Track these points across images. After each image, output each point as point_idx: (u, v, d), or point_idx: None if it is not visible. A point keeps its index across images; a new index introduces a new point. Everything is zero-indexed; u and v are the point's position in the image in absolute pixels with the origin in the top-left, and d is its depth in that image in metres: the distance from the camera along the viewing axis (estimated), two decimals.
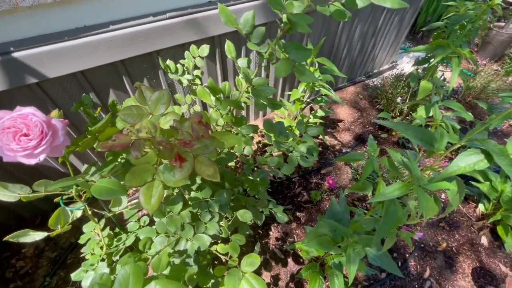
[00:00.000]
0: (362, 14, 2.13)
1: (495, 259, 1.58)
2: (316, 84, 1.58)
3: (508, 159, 0.53)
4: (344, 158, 0.93)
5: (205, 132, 0.48)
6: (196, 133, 0.47)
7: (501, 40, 2.96)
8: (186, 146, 0.45)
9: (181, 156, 0.45)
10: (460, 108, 0.81)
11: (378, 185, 0.85)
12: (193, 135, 0.47)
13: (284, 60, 0.73)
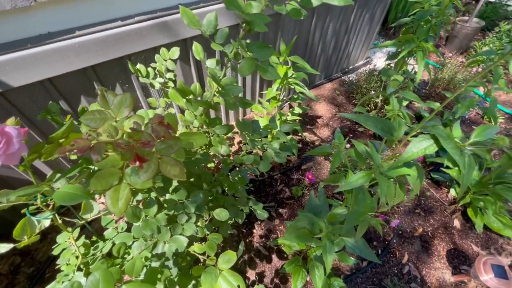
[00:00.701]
0: (334, 12, 2.20)
1: (467, 240, 1.67)
2: (290, 82, 1.61)
3: (453, 142, 0.58)
4: (314, 152, 0.96)
5: (166, 133, 0.49)
6: (157, 134, 0.48)
7: (465, 33, 3.12)
8: (145, 146, 0.46)
9: (140, 156, 0.45)
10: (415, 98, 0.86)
11: (347, 175, 0.88)
12: (154, 136, 0.48)
13: (247, 59, 0.75)
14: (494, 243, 1.65)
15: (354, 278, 1.50)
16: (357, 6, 2.34)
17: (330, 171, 0.94)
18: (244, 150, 1.20)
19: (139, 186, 0.60)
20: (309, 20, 2.08)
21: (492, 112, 1.69)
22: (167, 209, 0.92)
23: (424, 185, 1.94)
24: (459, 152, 0.56)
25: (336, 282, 1.24)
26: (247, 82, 2.09)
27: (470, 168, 0.58)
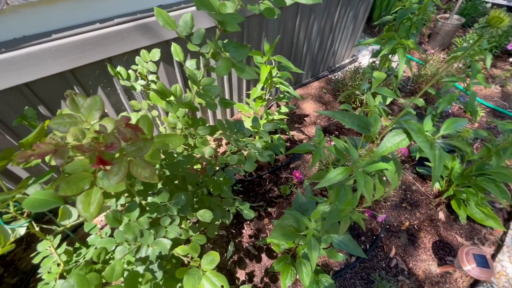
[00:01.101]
0: (317, 11, 2.22)
1: (452, 232, 1.71)
2: (275, 81, 1.62)
3: (423, 136, 0.59)
4: (296, 150, 0.96)
5: (133, 135, 0.49)
6: (123, 136, 0.48)
7: (447, 30, 3.20)
8: (108, 149, 0.45)
9: (104, 160, 0.45)
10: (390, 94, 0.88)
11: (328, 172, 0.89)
12: (120, 138, 0.47)
13: (224, 59, 0.75)
14: (478, 234, 1.70)
15: (343, 274, 1.52)
16: (341, 5, 2.37)
17: (310, 168, 0.95)
18: (229, 150, 1.19)
19: (112, 189, 0.59)
20: (293, 20, 2.09)
21: (472, 106, 1.73)
22: (150, 212, 0.91)
23: (409, 179, 1.98)
24: (429, 145, 0.58)
25: (324, 278, 1.25)
26: (233, 81, 2.09)
27: (441, 161, 0.59)
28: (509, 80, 2.83)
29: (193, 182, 1.16)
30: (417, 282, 1.50)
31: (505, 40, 3.01)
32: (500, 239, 1.67)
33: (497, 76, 2.93)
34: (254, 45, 1.95)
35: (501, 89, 2.78)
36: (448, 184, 1.79)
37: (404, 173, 2.02)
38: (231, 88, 2.11)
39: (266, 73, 1.50)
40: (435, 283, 1.49)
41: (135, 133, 0.49)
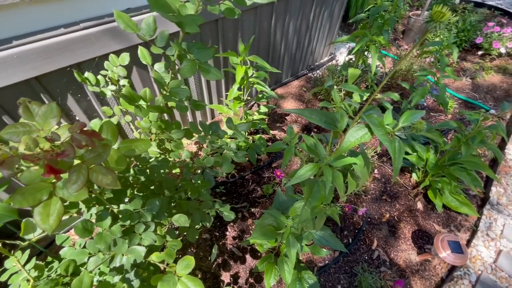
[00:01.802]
0: (292, 11, 2.24)
1: (430, 220, 1.76)
2: (251, 81, 1.62)
3: (383, 129, 0.60)
4: (269, 148, 0.97)
5: (88, 141, 0.47)
6: (78, 143, 0.46)
7: (419, 26, 3.31)
8: (59, 157, 0.44)
9: (54, 168, 0.43)
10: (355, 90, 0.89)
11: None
12: (74, 146, 0.46)
13: (189, 60, 0.74)
14: (454, 221, 1.76)
15: (327, 269, 1.54)
16: (315, 4, 2.40)
17: (282, 166, 0.96)
18: (205, 153, 1.18)
19: (73, 198, 0.57)
20: (268, 20, 2.10)
21: (442, 98, 1.80)
22: (122, 220, 0.89)
23: (389, 172, 2.03)
24: (388, 138, 0.59)
25: (307, 275, 1.26)
26: (211, 83, 2.08)
27: (400, 153, 0.61)
28: (479, 73, 2.97)
29: (170, 187, 1.14)
30: (398, 271, 1.54)
31: (473, 35, 3.15)
32: (474, 224, 1.74)
33: (468, 69, 3.06)
34: (230, 46, 1.94)
35: (472, 81, 2.91)
36: (424, 175, 1.85)
37: (384, 166, 2.07)
38: (209, 90, 2.10)
39: (242, 74, 1.50)
40: (415, 271, 1.54)
41: (91, 140, 0.48)
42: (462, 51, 3.28)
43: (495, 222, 1.74)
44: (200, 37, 1.73)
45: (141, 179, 1.10)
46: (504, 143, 2.21)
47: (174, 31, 1.50)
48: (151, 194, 1.11)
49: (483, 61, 3.10)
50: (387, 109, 2.06)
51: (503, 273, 1.53)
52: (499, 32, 3.00)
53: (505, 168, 2.05)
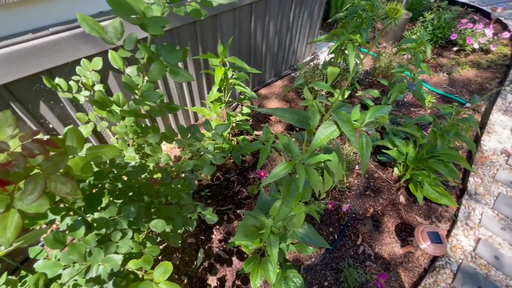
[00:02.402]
0: (271, 11, 2.25)
1: (412, 213, 1.81)
2: (231, 82, 1.62)
3: (350, 125, 0.61)
4: (245, 149, 0.97)
5: (42, 150, 0.45)
6: (29, 152, 0.44)
7: (398, 25, 3.39)
8: (4, 167, 0.42)
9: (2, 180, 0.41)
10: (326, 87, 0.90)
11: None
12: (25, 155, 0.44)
13: (157, 63, 0.73)
14: (435, 212, 1.81)
15: (314, 266, 1.55)
16: (294, 5, 2.43)
17: (258, 166, 0.96)
18: (183, 156, 1.17)
19: (33, 210, 0.55)
20: (248, 21, 2.10)
21: (419, 94, 1.85)
22: (97, 229, 0.86)
23: (372, 168, 2.07)
24: (354, 134, 0.60)
25: (292, 274, 1.27)
26: (193, 85, 2.06)
27: (368, 148, 0.62)
28: (454, 68, 3.07)
29: (149, 192, 1.12)
30: (383, 265, 1.56)
31: (448, 31, 3.26)
32: (454, 215, 1.80)
33: (444, 64, 3.16)
34: (210, 47, 1.93)
35: (448, 76, 3.00)
36: (405, 169, 1.89)
37: None
38: (191, 92, 2.08)
39: (221, 75, 1.49)
40: (399, 263, 1.57)
41: (44, 148, 0.46)
42: (438, 47, 3.39)
43: (474, 211, 1.80)
44: (179, 39, 1.71)
45: (119, 185, 1.07)
46: (481, 135, 2.29)
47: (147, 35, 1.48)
48: (129, 201, 1.08)
49: (458, 56, 3.21)
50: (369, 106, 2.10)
51: (482, 260, 1.58)
52: (472, 29, 3.12)
53: (482, 159, 2.12)
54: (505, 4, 3.61)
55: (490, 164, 2.08)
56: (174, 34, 1.67)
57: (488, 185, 1.95)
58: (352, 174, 2.00)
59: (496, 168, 2.06)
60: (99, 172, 0.96)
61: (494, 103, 2.54)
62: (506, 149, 2.18)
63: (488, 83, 2.87)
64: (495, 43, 3.13)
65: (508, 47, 3.21)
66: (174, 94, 1.96)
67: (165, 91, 1.87)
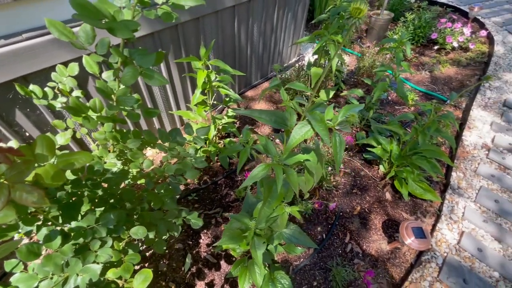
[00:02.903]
0: (254, 13, 2.26)
1: (398, 209, 1.83)
2: (214, 85, 1.61)
3: (324, 125, 0.62)
4: (227, 151, 0.96)
5: (3, 158, 0.44)
6: None
7: (380, 25, 3.47)
8: None
9: None
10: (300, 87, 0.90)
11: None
12: None
13: (130, 67, 0.72)
14: (420, 208, 1.84)
15: (303, 266, 1.55)
16: (277, 7, 2.45)
17: (238, 169, 0.95)
18: (165, 161, 1.15)
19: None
20: (231, 23, 2.11)
21: (401, 92, 1.88)
22: (74, 238, 0.84)
23: (358, 166, 2.09)
24: (327, 133, 0.60)
25: (280, 275, 1.26)
26: (177, 89, 2.04)
27: (341, 147, 0.62)
28: (436, 66, 3.15)
29: (131, 199, 1.10)
30: (371, 262, 1.58)
31: (429, 31, 3.35)
32: (438, 209, 1.83)
33: (426, 62, 3.24)
34: (193, 50, 1.92)
35: (430, 74, 3.08)
36: (390, 166, 1.92)
37: (353, 160, 2.13)
38: (175, 95, 2.06)
39: (203, 78, 1.48)
40: (387, 259, 1.59)
41: (5, 156, 0.44)
42: (420, 46, 3.47)
43: (457, 205, 1.84)
44: (160, 43, 1.70)
45: (99, 193, 1.05)
46: (462, 130, 2.35)
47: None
48: (110, 208, 1.06)
49: (439, 55, 3.30)
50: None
51: (466, 253, 1.61)
52: (451, 28, 3.21)
53: (464, 154, 2.18)
54: (481, 4, 3.74)
55: (471, 159, 2.14)
56: (156, 37, 1.65)
57: (470, 179, 2.00)
58: (339, 173, 2.02)
59: (478, 162, 2.11)
60: (76, 180, 0.94)
61: (474, 99, 2.62)
62: (487, 143, 2.25)
63: (468, 80, 2.96)
64: (473, 41, 3.23)
65: (485, 45, 3.32)
66: (158, 98, 1.94)
67: (148, 95, 1.85)
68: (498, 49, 3.17)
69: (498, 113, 2.50)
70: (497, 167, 2.07)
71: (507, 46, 3.20)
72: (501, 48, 3.17)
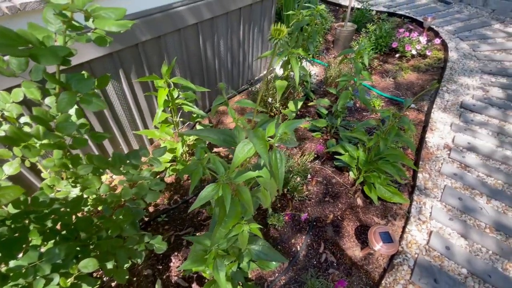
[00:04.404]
0: (219, 30, 2.29)
1: (370, 214, 1.86)
2: (177, 103, 1.59)
3: (263, 142, 0.61)
4: (182, 172, 0.94)
5: None
6: None
7: (345, 36, 3.63)
8: None
9: None
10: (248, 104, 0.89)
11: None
12: None
13: (65, 93, 0.69)
14: (390, 211, 1.89)
15: (278, 281, 1.52)
16: (242, 22, 2.50)
17: (190, 191, 0.93)
18: (121, 185, 1.11)
19: None
20: (195, 40, 2.12)
21: (363, 99, 1.96)
22: (13, 279, 0.77)
23: (329, 174, 2.12)
24: (266, 151, 0.60)
25: None
26: (143, 107, 2.00)
27: (281, 163, 0.62)
28: (399, 73, 3.32)
29: (85, 228, 1.04)
30: (345, 270, 1.58)
31: (390, 40, 3.54)
32: (407, 211, 1.89)
33: (390, 70, 3.41)
34: (156, 68, 1.90)
35: (394, 81, 3.24)
36: (359, 172, 1.97)
37: (324, 168, 2.16)
38: (141, 114, 2.02)
39: (164, 97, 1.46)
40: (360, 266, 1.59)
41: None
42: (383, 54, 3.66)
43: (424, 206, 1.90)
44: (120, 63, 1.67)
45: (48, 225, 0.98)
46: (425, 132, 2.47)
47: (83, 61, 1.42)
48: (61, 240, 0.99)
49: (401, 62, 3.49)
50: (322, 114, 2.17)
51: (435, 252, 1.66)
52: (409, 37, 3.42)
53: (428, 155, 2.28)
54: (434, 14, 4.03)
55: (435, 159, 2.24)
56: (115, 57, 1.62)
57: (435, 179, 2.09)
58: (311, 182, 2.04)
59: (441, 162, 2.21)
60: (18, 214, 0.87)
61: (434, 102, 2.78)
62: (448, 143, 2.37)
63: (428, 84, 3.14)
64: (430, 48, 3.45)
65: (441, 51, 3.56)
66: (122, 117, 1.88)
67: (111, 115, 1.80)
68: (452, 55, 3.40)
69: (456, 114, 2.66)
70: (459, 166, 2.18)
71: (460, 52, 3.44)
72: (455, 54, 3.41)
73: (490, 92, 2.86)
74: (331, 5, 4.73)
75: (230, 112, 0.95)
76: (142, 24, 1.63)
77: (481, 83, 2.98)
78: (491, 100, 2.74)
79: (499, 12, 4.13)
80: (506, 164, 2.15)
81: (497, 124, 2.50)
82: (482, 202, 1.91)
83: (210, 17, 2.10)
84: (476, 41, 3.63)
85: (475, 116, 2.61)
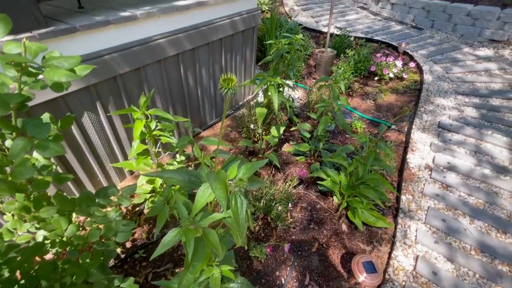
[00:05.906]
0: (201, 60, 2.34)
1: (355, 240, 1.83)
2: (155, 134, 1.58)
3: (223, 186, 0.60)
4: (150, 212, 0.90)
5: None
6: None
7: (325, 61, 3.78)
8: None
9: None
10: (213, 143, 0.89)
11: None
12: None
13: (20, 139, 0.66)
14: (375, 236, 1.86)
15: None
16: (224, 51, 2.57)
17: (156, 234, 0.89)
18: (88, 226, 1.05)
19: None
20: (176, 69, 2.15)
21: (342, 123, 1.99)
22: None
23: (313, 199, 2.10)
24: (225, 196, 0.59)
25: None
26: (122, 136, 1.97)
27: (242, 208, 0.61)
28: (379, 95, 3.44)
29: (47, 275, 0.97)
30: None
31: (368, 64, 3.70)
32: (392, 235, 1.86)
33: (370, 92, 3.53)
34: (136, 99, 1.90)
35: (374, 103, 3.34)
36: (342, 197, 1.96)
37: (308, 193, 2.14)
38: (121, 146, 1.98)
39: (140, 129, 1.45)
40: None
41: None
42: (363, 78, 3.80)
43: (409, 229, 1.89)
44: (98, 96, 1.66)
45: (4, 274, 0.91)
46: (406, 153, 2.51)
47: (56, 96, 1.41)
48: None
49: (380, 84, 3.63)
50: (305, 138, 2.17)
51: (423, 279, 1.62)
52: (386, 61, 3.59)
53: (410, 176, 2.30)
54: (408, 40, 4.27)
55: (417, 180, 2.26)
56: (92, 90, 1.61)
57: (418, 200, 2.09)
58: (296, 209, 2.01)
59: (423, 182, 2.24)
60: None
61: (413, 123, 2.86)
62: (428, 164, 2.41)
63: (407, 105, 3.25)
64: (406, 71, 3.62)
65: (417, 74, 3.74)
66: (100, 149, 1.84)
67: (88, 148, 1.75)
68: (427, 77, 3.57)
69: (435, 134, 2.73)
70: (440, 186, 2.20)
71: (434, 74, 3.62)
72: (430, 77, 3.58)
73: (465, 112, 2.98)
74: (312, 32, 4.96)
75: (195, 151, 0.94)
76: (120, 57, 1.65)
77: (456, 104, 3.11)
78: (466, 120, 2.85)
79: (467, 37, 4.42)
80: (485, 183, 2.19)
81: (474, 143, 2.58)
82: (466, 223, 1.91)
83: (191, 47, 2.15)
84: (449, 63, 3.83)
85: (453, 135, 2.69)
